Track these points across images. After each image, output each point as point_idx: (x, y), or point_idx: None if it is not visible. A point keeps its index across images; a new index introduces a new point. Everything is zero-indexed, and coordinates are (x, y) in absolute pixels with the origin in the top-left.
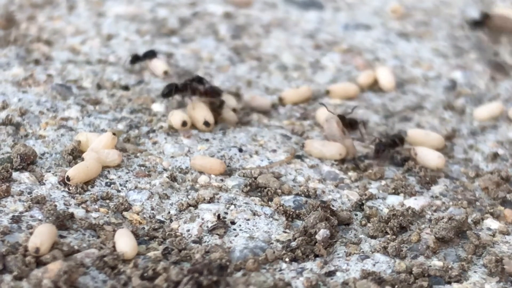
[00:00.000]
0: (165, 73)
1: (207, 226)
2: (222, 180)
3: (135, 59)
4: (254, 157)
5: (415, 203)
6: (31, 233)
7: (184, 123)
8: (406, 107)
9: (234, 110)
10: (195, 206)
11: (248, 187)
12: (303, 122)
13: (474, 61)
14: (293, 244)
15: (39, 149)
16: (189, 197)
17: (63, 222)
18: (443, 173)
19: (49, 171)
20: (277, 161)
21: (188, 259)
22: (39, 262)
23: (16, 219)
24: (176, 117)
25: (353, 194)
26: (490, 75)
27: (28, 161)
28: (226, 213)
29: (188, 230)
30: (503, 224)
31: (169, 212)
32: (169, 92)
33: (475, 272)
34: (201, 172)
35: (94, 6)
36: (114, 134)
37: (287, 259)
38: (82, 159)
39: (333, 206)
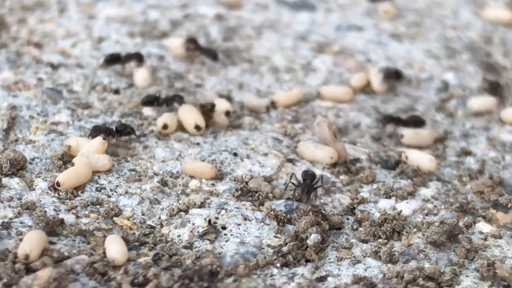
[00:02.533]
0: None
1: (198, 232)
2: (213, 184)
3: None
4: (246, 161)
5: (406, 206)
6: (20, 240)
7: (165, 126)
8: (398, 109)
9: (227, 113)
10: (186, 211)
11: (239, 192)
12: (294, 125)
13: (466, 62)
14: (284, 249)
15: (29, 154)
16: (180, 202)
17: (53, 228)
18: (435, 176)
19: (39, 177)
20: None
21: (179, 264)
22: (29, 269)
23: (6, 226)
24: (160, 120)
25: (344, 198)
26: (482, 76)
27: (17, 167)
28: (217, 218)
29: (179, 236)
30: (495, 228)
31: (159, 217)
32: None
33: (467, 276)
34: (192, 177)
35: (85, 8)
36: (104, 138)
37: (278, 265)
38: (72, 164)
39: (324, 210)
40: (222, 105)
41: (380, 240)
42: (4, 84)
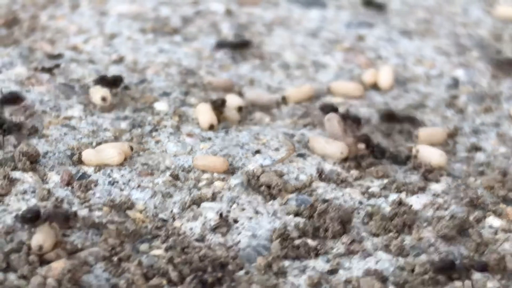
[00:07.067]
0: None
1: (210, 225)
2: (224, 178)
3: None
4: (257, 156)
5: (417, 201)
6: (34, 232)
7: (211, 126)
8: (408, 106)
9: (240, 108)
10: (198, 205)
11: (251, 186)
12: (305, 121)
13: (477, 59)
14: (296, 242)
15: (42, 148)
16: (192, 195)
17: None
18: (445, 171)
19: (52, 170)
20: (279, 159)
21: (191, 257)
22: (43, 261)
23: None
24: (205, 118)
25: (355, 193)
26: (492, 73)
27: (31, 160)
28: (228, 211)
29: (191, 229)
30: (505, 222)
31: (172, 211)
32: None
33: None
34: (203, 171)
35: (97, 5)
36: (131, 148)
37: (289, 257)
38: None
39: (335, 203)
40: (234, 101)
41: (391, 233)
42: (17, 79)
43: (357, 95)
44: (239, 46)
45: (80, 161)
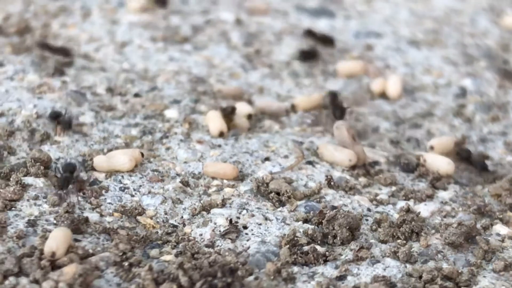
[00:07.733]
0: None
1: (220, 231)
2: (234, 185)
3: None
4: (266, 163)
5: (425, 208)
6: (46, 237)
7: (221, 134)
8: (416, 114)
9: (250, 116)
10: (208, 211)
11: (260, 192)
12: (314, 129)
13: (484, 69)
14: (305, 248)
15: (54, 154)
16: (202, 201)
17: (78, 226)
18: (452, 179)
19: None
20: (288, 166)
21: (201, 262)
22: (55, 266)
23: (32, 223)
24: (215, 125)
25: (363, 200)
26: (499, 83)
27: (43, 166)
28: (238, 217)
29: (201, 235)
30: None
31: (182, 217)
32: None
33: (484, 277)
34: (213, 177)
35: (108, 13)
36: (142, 154)
37: (298, 263)
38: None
39: (344, 210)
40: (244, 109)
41: (399, 240)
42: (29, 87)
43: (366, 103)
44: None
45: (91, 167)
